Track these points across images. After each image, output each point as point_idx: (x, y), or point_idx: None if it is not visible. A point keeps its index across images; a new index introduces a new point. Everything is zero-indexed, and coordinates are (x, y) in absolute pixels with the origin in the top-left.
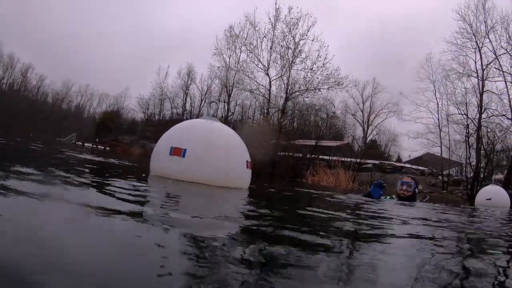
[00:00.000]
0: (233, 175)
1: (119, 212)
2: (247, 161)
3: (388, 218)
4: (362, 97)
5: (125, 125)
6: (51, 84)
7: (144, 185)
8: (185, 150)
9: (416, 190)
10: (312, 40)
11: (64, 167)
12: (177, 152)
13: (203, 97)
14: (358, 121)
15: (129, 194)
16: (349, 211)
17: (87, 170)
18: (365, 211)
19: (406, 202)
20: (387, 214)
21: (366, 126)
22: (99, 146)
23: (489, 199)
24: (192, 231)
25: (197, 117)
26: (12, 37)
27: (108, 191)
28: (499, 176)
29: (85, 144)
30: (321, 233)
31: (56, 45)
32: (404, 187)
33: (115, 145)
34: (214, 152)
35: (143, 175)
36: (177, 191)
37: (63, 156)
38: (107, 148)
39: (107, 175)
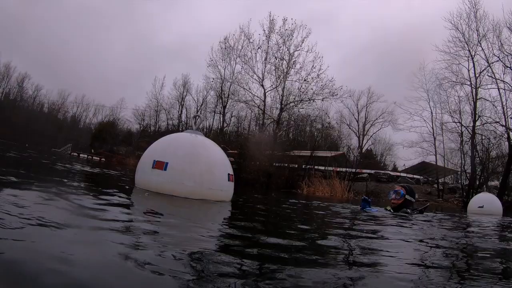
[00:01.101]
0: (215, 188)
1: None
2: (229, 174)
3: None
4: (357, 107)
5: (120, 136)
6: (47, 94)
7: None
8: (167, 163)
9: (413, 199)
10: (307, 51)
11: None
12: (159, 165)
13: (198, 108)
14: (353, 131)
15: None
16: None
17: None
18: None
19: (397, 214)
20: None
21: (361, 136)
22: (94, 157)
23: (481, 206)
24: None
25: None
26: (9, 46)
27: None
28: (495, 182)
29: (81, 155)
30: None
31: (53, 55)
32: (393, 196)
33: (110, 156)
34: (196, 166)
35: (126, 187)
36: (151, 205)
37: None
38: (102, 159)
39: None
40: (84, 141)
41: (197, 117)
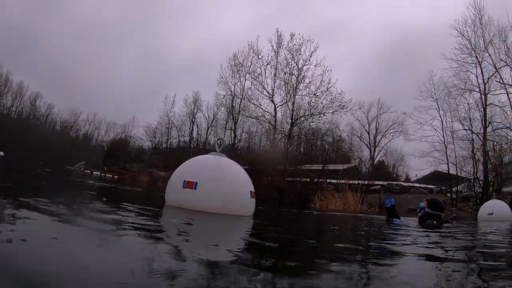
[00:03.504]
0: (239, 204)
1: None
2: (250, 191)
3: None
4: (367, 119)
5: (132, 153)
6: (59, 112)
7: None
8: (196, 183)
9: (436, 212)
10: (315, 65)
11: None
12: (190, 185)
13: (209, 124)
14: (364, 142)
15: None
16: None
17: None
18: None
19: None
20: None
21: (373, 147)
22: (107, 175)
23: (491, 213)
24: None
25: (204, 145)
26: (21, 65)
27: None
28: (510, 188)
29: (94, 172)
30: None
31: (64, 73)
32: (418, 210)
33: (123, 173)
34: (222, 185)
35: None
36: (191, 220)
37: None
38: (115, 176)
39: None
40: (97, 158)
41: (221, 140)
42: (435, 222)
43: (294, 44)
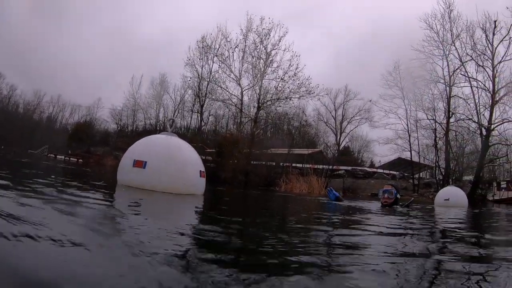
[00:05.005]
0: (189, 183)
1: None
2: (200, 171)
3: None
4: (334, 105)
5: (97, 136)
6: (22, 94)
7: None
8: (145, 162)
9: (398, 196)
10: (284, 50)
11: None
12: (139, 164)
13: (176, 107)
14: (330, 128)
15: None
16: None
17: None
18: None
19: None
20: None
21: (339, 133)
22: (71, 158)
23: (447, 199)
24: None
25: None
26: None
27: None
28: (470, 177)
29: (58, 156)
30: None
31: (28, 54)
32: (386, 195)
33: (87, 156)
34: (171, 164)
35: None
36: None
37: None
38: (80, 160)
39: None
40: (60, 142)
41: (172, 120)
42: (398, 206)
43: (264, 28)
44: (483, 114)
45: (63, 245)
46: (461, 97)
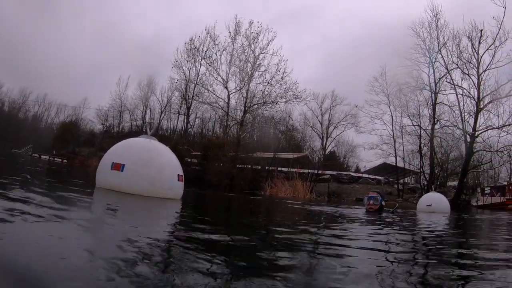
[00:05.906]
0: (166, 187)
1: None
2: (178, 174)
3: None
4: (321, 110)
5: (83, 137)
6: (8, 92)
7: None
8: (123, 165)
9: (383, 203)
10: (272, 54)
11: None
12: (117, 167)
13: (162, 109)
14: (317, 133)
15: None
16: None
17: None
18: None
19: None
20: None
21: (325, 138)
22: (56, 159)
23: (429, 205)
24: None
25: (157, 130)
26: None
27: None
28: (455, 183)
29: (42, 156)
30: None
31: (15, 52)
32: (371, 202)
33: (72, 157)
34: (149, 167)
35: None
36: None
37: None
38: (65, 160)
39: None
40: (45, 142)
41: (151, 123)
42: (383, 214)
43: (252, 32)
44: (468, 121)
45: None
46: (446, 104)
